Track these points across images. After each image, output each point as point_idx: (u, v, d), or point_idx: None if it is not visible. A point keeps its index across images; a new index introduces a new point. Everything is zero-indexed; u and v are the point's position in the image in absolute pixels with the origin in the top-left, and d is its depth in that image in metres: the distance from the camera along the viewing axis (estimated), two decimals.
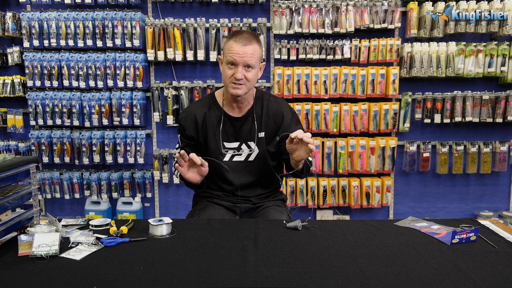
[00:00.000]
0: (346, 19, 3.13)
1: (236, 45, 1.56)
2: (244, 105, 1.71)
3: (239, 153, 1.72)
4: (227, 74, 1.59)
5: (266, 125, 1.73)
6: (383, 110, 3.21)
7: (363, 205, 3.30)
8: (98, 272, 1.08)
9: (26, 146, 3.38)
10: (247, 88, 1.61)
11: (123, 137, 3.31)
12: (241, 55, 1.55)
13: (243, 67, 1.57)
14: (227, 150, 1.71)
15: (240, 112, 1.72)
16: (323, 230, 1.39)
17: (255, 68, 1.60)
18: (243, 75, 1.57)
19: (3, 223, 1.28)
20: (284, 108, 1.76)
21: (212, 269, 1.09)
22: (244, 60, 1.56)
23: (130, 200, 3.41)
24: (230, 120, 1.71)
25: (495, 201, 3.49)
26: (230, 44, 1.58)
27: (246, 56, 1.55)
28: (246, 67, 1.57)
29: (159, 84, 3.30)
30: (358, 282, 1.01)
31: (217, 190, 1.78)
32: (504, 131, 3.39)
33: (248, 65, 1.57)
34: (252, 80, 1.60)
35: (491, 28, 3.13)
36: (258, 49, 1.60)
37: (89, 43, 3.22)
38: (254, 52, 1.58)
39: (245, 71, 1.57)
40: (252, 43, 1.58)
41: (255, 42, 1.59)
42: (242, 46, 1.56)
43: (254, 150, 1.72)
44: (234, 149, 1.72)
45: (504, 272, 1.08)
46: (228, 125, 1.71)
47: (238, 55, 1.55)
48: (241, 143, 1.72)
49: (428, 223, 1.46)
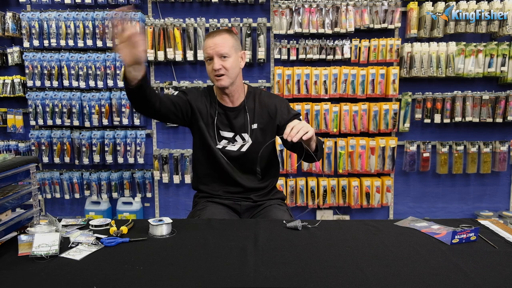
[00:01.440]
0: (346, 19, 3.13)
1: (208, 40, 1.67)
2: (235, 98, 1.76)
3: (233, 144, 1.77)
4: (209, 70, 1.68)
5: (260, 117, 1.77)
6: (383, 110, 3.21)
7: (363, 205, 3.30)
8: (98, 272, 1.08)
9: (26, 146, 3.38)
10: (229, 77, 1.67)
11: (123, 137, 3.31)
12: (212, 47, 1.64)
13: (218, 57, 1.64)
14: (221, 139, 1.76)
15: (233, 104, 1.78)
16: (323, 230, 1.39)
17: (231, 57, 1.66)
18: (220, 65, 1.64)
19: (3, 223, 1.28)
20: (275, 99, 1.83)
21: (212, 269, 1.09)
22: (216, 51, 1.63)
23: (130, 200, 3.41)
24: (224, 110, 1.76)
25: (495, 201, 3.49)
26: (204, 42, 1.70)
27: (217, 46, 1.63)
28: (222, 57, 1.64)
29: (159, 84, 3.30)
30: (358, 282, 1.01)
31: (216, 190, 1.80)
32: (504, 131, 3.39)
33: (221, 54, 1.64)
34: (231, 68, 1.66)
35: (491, 28, 3.12)
36: (228, 38, 1.67)
37: (89, 43, 3.22)
38: (225, 41, 1.65)
39: (221, 61, 1.64)
40: (221, 34, 1.66)
41: (224, 33, 1.68)
42: (212, 39, 1.65)
43: (248, 141, 1.76)
44: (229, 139, 1.77)
45: (504, 272, 1.08)
46: (223, 115, 1.76)
47: (210, 48, 1.64)
48: (236, 134, 1.77)
49: (428, 223, 1.46)
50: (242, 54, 1.74)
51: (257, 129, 1.76)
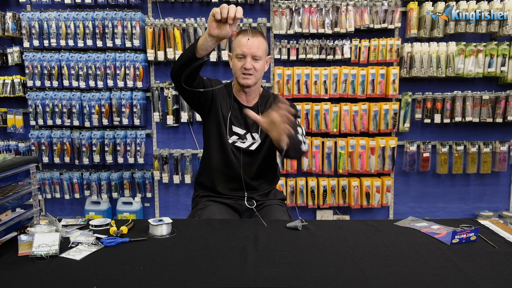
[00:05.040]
0: (346, 19, 3.13)
1: (244, 39, 1.70)
2: (252, 97, 1.82)
3: (243, 141, 1.80)
4: (237, 66, 1.72)
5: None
6: (383, 110, 3.21)
7: (363, 205, 3.30)
8: (98, 272, 1.08)
9: (26, 146, 3.38)
10: (256, 78, 1.73)
11: (123, 137, 3.31)
12: (249, 46, 1.68)
13: (251, 58, 1.69)
14: (232, 134, 1.80)
15: (247, 103, 1.83)
16: (323, 230, 1.39)
17: (262, 60, 1.73)
18: (251, 65, 1.70)
19: (3, 223, 1.27)
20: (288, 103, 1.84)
21: (212, 269, 1.09)
22: (252, 51, 1.69)
23: (130, 200, 3.41)
24: (240, 106, 1.80)
25: (495, 201, 3.49)
26: (238, 39, 1.73)
27: (253, 47, 1.69)
28: (254, 58, 1.70)
29: (159, 84, 3.30)
30: (358, 282, 1.01)
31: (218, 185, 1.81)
32: (504, 131, 3.39)
33: (255, 56, 1.70)
34: (259, 70, 1.73)
35: (491, 28, 3.12)
36: (263, 42, 1.74)
37: (89, 43, 3.22)
38: (260, 44, 1.72)
39: (254, 62, 1.70)
40: (258, 37, 1.72)
41: (260, 36, 1.74)
42: (249, 39, 1.69)
43: (257, 140, 1.81)
44: (240, 135, 1.80)
45: (504, 272, 1.08)
46: (238, 110, 1.80)
47: (246, 47, 1.69)
48: (247, 132, 1.80)
49: (428, 223, 1.47)
50: (268, 58, 1.81)
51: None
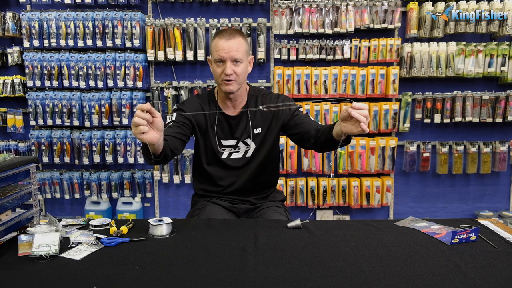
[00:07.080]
0: (346, 19, 3.13)
1: (221, 42, 1.58)
2: (238, 102, 1.72)
3: (236, 150, 1.75)
4: (218, 72, 1.61)
5: (263, 121, 1.74)
6: (383, 110, 3.21)
7: (363, 205, 3.30)
8: (98, 272, 1.08)
9: (26, 146, 3.38)
10: (238, 83, 1.62)
11: (123, 137, 3.31)
12: (227, 50, 1.57)
13: (231, 62, 1.58)
14: (224, 148, 1.74)
15: (235, 109, 1.73)
16: (323, 230, 1.39)
17: (243, 62, 1.61)
18: (232, 70, 1.58)
19: (3, 223, 1.27)
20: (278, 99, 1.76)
21: (212, 269, 1.09)
22: (231, 55, 1.57)
23: (130, 200, 3.41)
24: (226, 119, 1.73)
25: (495, 201, 3.49)
26: (215, 42, 1.61)
27: (232, 50, 1.57)
28: (234, 62, 1.59)
29: (159, 84, 3.30)
30: (358, 282, 1.01)
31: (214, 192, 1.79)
32: (504, 131, 3.39)
33: (235, 59, 1.58)
34: (241, 74, 1.62)
35: (491, 28, 3.12)
36: (243, 43, 1.61)
37: (89, 43, 3.22)
38: (240, 45, 1.59)
39: (234, 66, 1.59)
40: (236, 37, 1.60)
41: (239, 36, 1.61)
42: (227, 41, 1.58)
43: (251, 146, 1.74)
44: (231, 146, 1.74)
45: (504, 272, 1.08)
46: (224, 123, 1.73)
47: (224, 51, 1.57)
48: (238, 141, 1.74)
49: (428, 223, 1.46)
50: (251, 59, 1.70)
51: (261, 134, 1.74)
